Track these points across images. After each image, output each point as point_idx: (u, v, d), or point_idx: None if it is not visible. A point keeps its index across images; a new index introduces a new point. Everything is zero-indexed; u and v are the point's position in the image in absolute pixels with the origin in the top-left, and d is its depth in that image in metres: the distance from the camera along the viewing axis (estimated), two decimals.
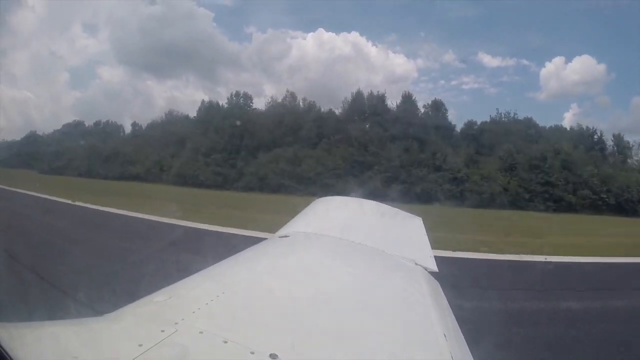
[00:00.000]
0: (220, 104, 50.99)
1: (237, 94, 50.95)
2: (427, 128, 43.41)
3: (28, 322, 1.32)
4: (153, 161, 46.63)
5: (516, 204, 35.98)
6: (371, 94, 47.62)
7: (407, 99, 47.08)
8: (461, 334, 1.79)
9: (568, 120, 47.47)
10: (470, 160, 40.63)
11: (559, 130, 47.17)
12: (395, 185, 36.64)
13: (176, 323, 1.31)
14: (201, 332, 1.28)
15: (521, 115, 46.90)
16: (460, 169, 39.26)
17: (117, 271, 7.67)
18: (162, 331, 1.25)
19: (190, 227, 13.58)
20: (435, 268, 2.68)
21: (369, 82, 58.47)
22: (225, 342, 1.24)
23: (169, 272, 6.40)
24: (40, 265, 7.90)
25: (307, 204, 4.26)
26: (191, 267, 2.14)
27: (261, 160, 42.22)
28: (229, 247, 4.67)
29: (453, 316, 1.99)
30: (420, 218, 4.26)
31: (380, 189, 34.09)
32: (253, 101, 51.07)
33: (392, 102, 46.87)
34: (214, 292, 1.67)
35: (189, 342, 1.23)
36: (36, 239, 11.14)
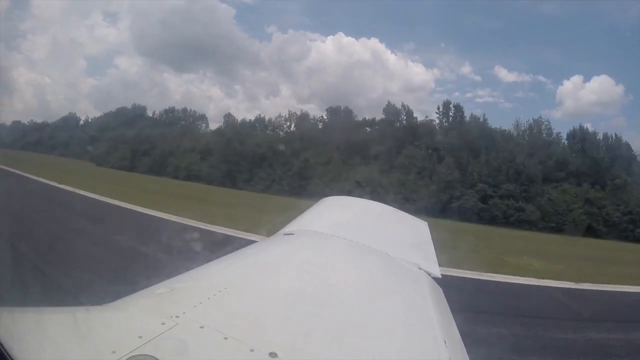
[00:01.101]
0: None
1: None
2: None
3: (25, 308, 1.33)
4: None
5: None
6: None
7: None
8: (461, 341, 1.77)
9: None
10: None
11: None
12: None
13: (177, 316, 1.31)
14: (202, 327, 1.28)
15: None
16: None
17: None
18: (163, 324, 1.25)
19: None
20: (438, 274, 2.65)
21: (386, 89, 58.10)
22: (226, 338, 1.23)
23: None
24: None
25: None
26: None
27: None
28: None
29: (454, 323, 1.97)
30: (426, 223, 4.22)
31: None
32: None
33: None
34: (217, 286, 1.66)
35: (189, 336, 1.23)
36: None
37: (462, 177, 37.71)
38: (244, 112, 58.03)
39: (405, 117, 47.52)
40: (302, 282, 2.02)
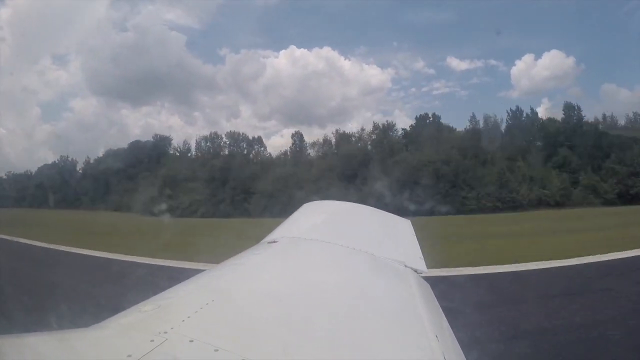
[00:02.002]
0: None
1: None
2: None
3: (10, 335, 1.28)
4: None
5: None
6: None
7: None
8: (453, 335, 1.81)
9: (541, 114, 49.04)
10: None
11: None
12: None
13: (165, 332, 1.29)
14: (191, 341, 1.26)
15: None
16: None
17: None
18: (152, 341, 1.22)
19: None
20: (425, 269, 2.70)
21: (345, 95, 59.01)
22: (216, 350, 1.22)
23: None
24: None
25: None
26: None
27: None
28: None
29: (444, 317, 2.01)
30: (409, 221, 4.29)
31: None
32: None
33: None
34: (204, 299, 1.64)
35: (179, 351, 1.21)
36: None
37: None
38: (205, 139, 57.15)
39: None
40: (288, 289, 2.02)
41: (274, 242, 2.94)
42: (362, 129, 48.39)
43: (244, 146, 51.91)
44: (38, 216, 35.81)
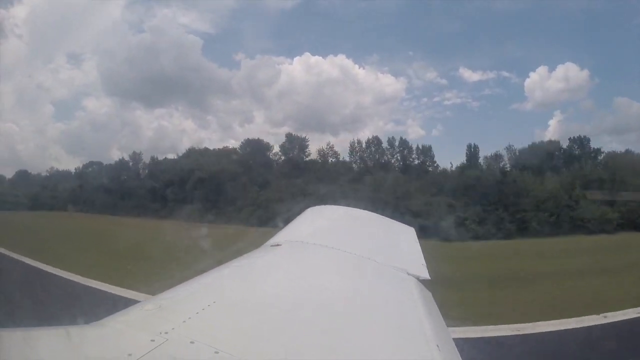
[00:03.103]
0: None
1: None
2: None
3: (11, 329, 1.29)
4: None
5: None
6: None
7: None
8: (454, 344, 1.79)
9: (553, 127, 48.79)
10: None
11: None
12: None
13: (166, 332, 1.29)
14: (192, 342, 1.26)
15: None
16: None
17: None
18: (152, 340, 1.23)
19: None
20: (427, 277, 2.69)
21: (358, 104, 59.03)
22: (217, 352, 1.22)
23: None
24: None
25: None
26: None
27: None
28: None
29: (445, 326, 1.99)
30: (413, 228, 4.27)
31: None
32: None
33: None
34: (205, 301, 1.64)
35: (180, 352, 1.21)
36: None
37: None
38: (216, 142, 57.15)
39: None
40: (290, 293, 2.02)
41: (277, 245, 2.94)
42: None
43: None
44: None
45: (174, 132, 55.01)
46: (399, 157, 42.32)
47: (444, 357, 1.50)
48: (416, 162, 41.59)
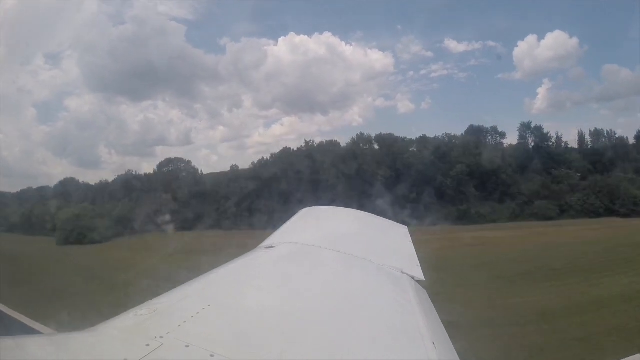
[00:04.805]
0: None
1: None
2: None
3: (8, 337, 1.27)
4: None
5: None
6: None
7: None
8: (450, 341, 1.80)
9: (542, 95, 49.04)
10: None
11: None
12: None
13: (161, 337, 1.28)
14: (187, 346, 1.26)
15: None
16: None
17: None
18: (147, 345, 1.22)
19: None
20: (421, 276, 2.70)
21: (348, 81, 58.54)
22: (212, 355, 1.21)
23: None
24: None
25: None
26: None
27: None
28: None
29: (441, 324, 2.00)
30: (406, 227, 4.29)
31: None
32: None
33: None
34: (200, 304, 1.64)
35: (175, 356, 1.20)
36: None
37: None
38: (205, 130, 55.99)
39: None
40: (285, 295, 2.01)
41: (271, 247, 2.93)
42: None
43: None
44: None
45: (160, 123, 53.63)
46: None
47: (440, 355, 1.51)
48: None
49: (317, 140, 42.12)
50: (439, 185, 33.50)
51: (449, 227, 27.25)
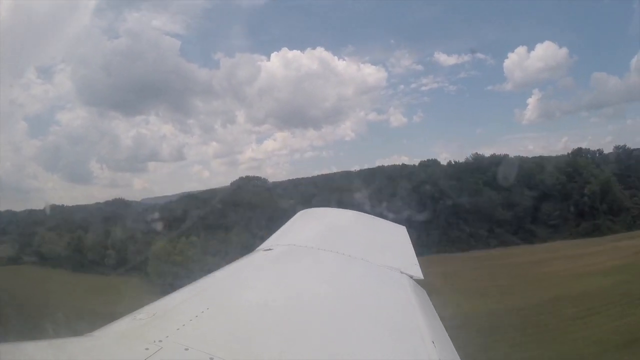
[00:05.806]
0: None
1: None
2: None
3: (7, 343, 1.26)
4: None
5: None
6: None
7: None
8: (449, 340, 1.81)
9: (532, 105, 49.48)
10: None
11: None
12: None
13: (160, 340, 1.28)
14: (187, 349, 1.25)
15: None
16: None
17: None
18: (147, 349, 1.21)
19: None
20: (420, 275, 2.71)
21: (340, 96, 59.01)
22: (212, 358, 1.21)
23: None
24: None
25: None
26: None
27: None
28: None
29: (441, 323, 2.01)
30: (404, 227, 4.29)
31: None
32: None
33: None
34: (199, 307, 1.63)
35: (175, 359, 1.20)
36: None
37: None
38: (198, 146, 55.86)
39: None
40: (284, 297, 2.01)
41: (269, 249, 2.93)
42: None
43: None
44: None
45: (153, 138, 52.85)
46: None
47: (440, 353, 1.52)
48: None
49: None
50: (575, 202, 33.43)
51: (598, 239, 27.41)
